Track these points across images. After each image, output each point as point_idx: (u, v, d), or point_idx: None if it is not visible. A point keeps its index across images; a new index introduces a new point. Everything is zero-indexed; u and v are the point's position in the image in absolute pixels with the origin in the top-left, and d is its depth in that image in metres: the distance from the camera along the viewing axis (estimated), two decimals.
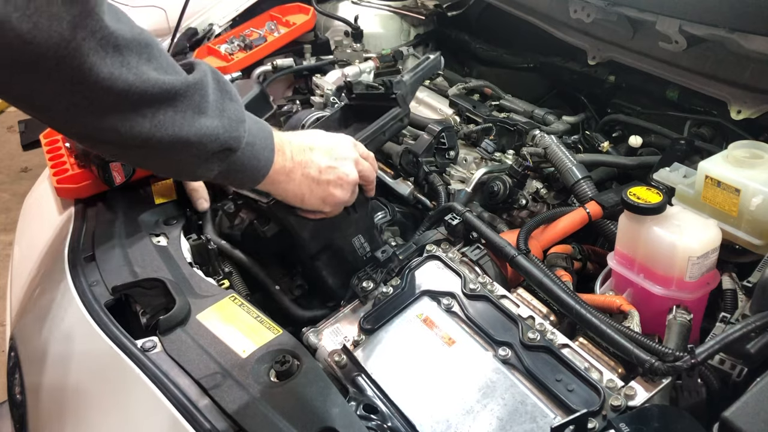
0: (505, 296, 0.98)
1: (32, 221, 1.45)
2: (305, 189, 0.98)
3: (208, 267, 1.14)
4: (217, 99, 0.85)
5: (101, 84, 0.71)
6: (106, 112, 0.74)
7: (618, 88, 1.53)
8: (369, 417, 0.83)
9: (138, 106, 0.75)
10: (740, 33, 1.10)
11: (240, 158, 0.88)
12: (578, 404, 0.81)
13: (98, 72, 0.70)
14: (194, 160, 0.84)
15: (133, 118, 0.76)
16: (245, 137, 0.87)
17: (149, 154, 0.82)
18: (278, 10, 1.92)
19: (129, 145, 0.79)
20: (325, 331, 1.00)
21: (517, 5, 1.64)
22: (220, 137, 0.84)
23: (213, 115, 0.83)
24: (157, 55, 0.77)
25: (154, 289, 1.01)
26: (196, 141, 0.81)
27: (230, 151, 0.86)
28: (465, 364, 0.89)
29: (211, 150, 0.84)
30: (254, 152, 0.90)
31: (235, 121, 0.86)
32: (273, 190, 0.98)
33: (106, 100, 0.73)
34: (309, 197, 0.99)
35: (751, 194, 0.92)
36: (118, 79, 0.72)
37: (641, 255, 0.97)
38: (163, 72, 0.77)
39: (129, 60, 0.73)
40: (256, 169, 0.92)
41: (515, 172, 1.28)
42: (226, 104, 0.86)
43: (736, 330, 0.81)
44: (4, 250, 3.21)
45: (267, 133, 0.93)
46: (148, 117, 0.76)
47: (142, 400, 0.86)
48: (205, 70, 0.84)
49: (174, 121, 0.79)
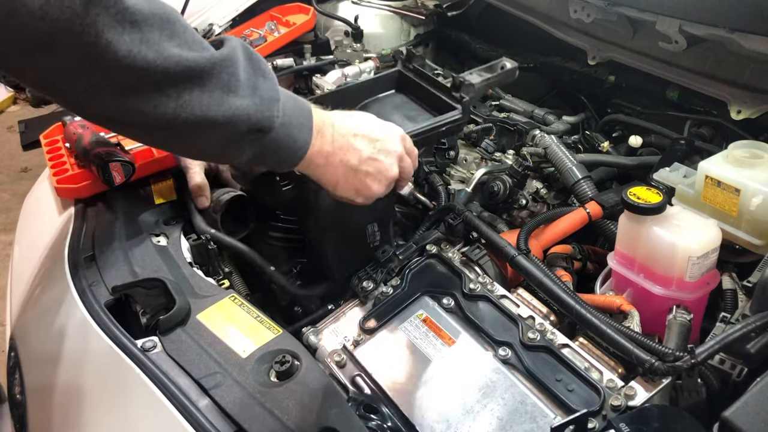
0: (505, 296, 0.98)
1: (32, 221, 1.44)
2: (341, 176, 0.93)
3: (208, 267, 1.14)
4: (249, 76, 0.80)
5: (120, 62, 0.68)
6: (127, 93, 0.71)
7: (618, 88, 1.53)
8: (369, 417, 0.83)
9: (161, 85, 0.72)
10: (740, 33, 1.10)
11: (274, 139, 0.83)
12: (578, 404, 0.81)
13: (116, 49, 0.67)
14: (224, 141, 0.81)
15: (156, 98, 0.72)
16: (279, 117, 0.83)
17: (175, 136, 0.79)
18: (278, 10, 1.93)
19: (153, 127, 0.76)
20: (325, 331, 1.00)
21: (517, 5, 1.64)
22: (252, 117, 0.79)
23: (244, 94, 0.79)
24: (181, 31, 0.74)
25: (154, 289, 1.01)
26: (225, 122, 0.77)
27: (262, 132, 0.82)
28: (465, 364, 0.89)
29: (242, 131, 0.80)
30: (290, 132, 0.85)
31: (267, 100, 0.82)
32: (309, 171, 0.93)
33: (126, 80, 0.70)
34: (343, 185, 0.95)
35: (751, 194, 0.92)
36: (138, 56, 0.69)
37: (641, 255, 0.97)
38: (187, 48, 0.73)
39: (149, 36, 0.70)
40: (292, 150, 0.87)
41: (515, 172, 1.28)
42: (259, 82, 0.81)
43: (736, 330, 0.81)
44: (4, 250, 3.21)
45: (305, 112, 0.88)
46: (173, 97, 0.73)
47: (142, 400, 0.86)
48: (234, 46, 0.80)
49: (201, 100, 0.75)
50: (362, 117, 0.99)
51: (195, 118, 0.75)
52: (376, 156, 0.94)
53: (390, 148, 0.96)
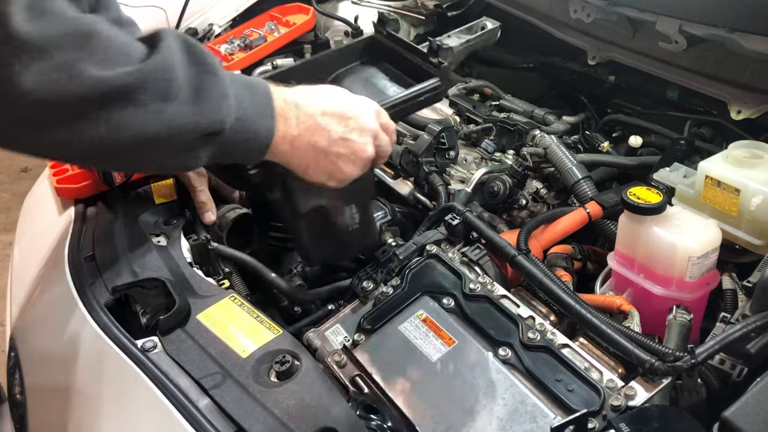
0: (505, 296, 0.98)
1: (32, 221, 1.44)
2: (310, 160, 0.87)
3: (208, 267, 1.14)
4: (190, 77, 0.72)
5: (28, 98, 0.62)
6: (47, 126, 0.64)
7: (618, 88, 1.53)
8: (369, 417, 0.83)
9: (84, 111, 0.65)
10: (740, 33, 1.10)
11: (231, 138, 0.77)
12: (578, 404, 0.81)
13: (21, 84, 0.61)
14: (173, 153, 0.74)
15: (83, 126, 0.66)
16: (232, 114, 0.76)
17: (116, 159, 0.73)
18: (278, 10, 1.92)
19: (88, 155, 0.70)
20: (325, 331, 1.00)
21: (517, 5, 1.64)
22: (200, 123, 0.72)
23: (185, 99, 0.71)
24: (102, 46, 0.66)
25: (154, 289, 1.01)
26: (168, 135, 0.70)
27: (216, 135, 0.75)
28: (465, 364, 0.89)
29: (191, 139, 0.73)
30: (249, 126, 0.79)
31: (215, 99, 0.74)
32: (276, 159, 0.87)
33: (41, 114, 0.63)
34: (314, 169, 0.88)
35: (751, 194, 0.92)
36: (49, 86, 0.62)
37: (641, 255, 0.97)
38: (108, 66, 0.66)
39: (61, 61, 0.63)
40: (255, 143, 0.81)
41: (515, 172, 1.28)
42: (204, 80, 0.73)
43: (736, 330, 0.81)
44: (4, 250, 3.21)
45: (264, 99, 0.81)
46: (101, 120, 0.66)
47: (142, 400, 0.86)
48: (169, 45, 0.71)
49: (135, 118, 0.68)
50: (331, 92, 0.90)
51: (132, 138, 0.69)
52: (348, 135, 0.87)
53: (363, 125, 0.89)
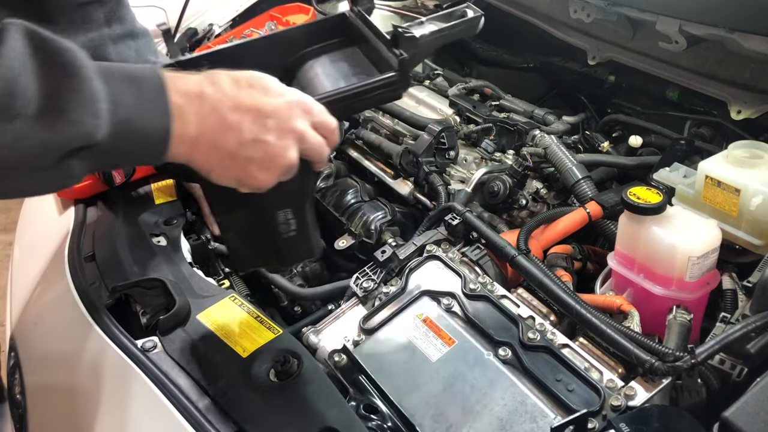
0: (505, 296, 0.98)
1: (32, 221, 1.45)
2: (214, 163, 0.72)
3: (208, 267, 1.14)
4: (41, 84, 0.59)
5: None
6: None
7: (618, 88, 1.53)
8: (369, 417, 0.83)
9: None
10: (740, 33, 1.10)
11: (112, 146, 0.64)
12: (578, 404, 0.81)
13: None
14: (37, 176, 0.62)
15: None
16: (107, 120, 0.63)
17: None
18: (278, 10, 1.93)
19: None
20: (325, 331, 1.00)
21: (517, 5, 1.64)
22: (55, 141, 0.59)
23: (32, 115, 0.58)
24: None
25: (154, 289, 1.01)
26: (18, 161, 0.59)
27: (88, 148, 0.62)
28: (465, 364, 0.89)
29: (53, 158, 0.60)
30: (136, 129, 0.65)
31: (76, 108, 0.60)
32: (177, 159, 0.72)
33: None
34: (219, 173, 0.73)
35: (751, 194, 0.92)
36: None
37: (641, 255, 0.97)
38: None
39: None
40: (146, 145, 0.67)
41: (515, 172, 1.28)
42: (59, 87, 0.60)
43: (736, 330, 0.81)
44: (4, 250, 3.21)
45: (153, 94, 0.67)
46: None
47: (142, 400, 0.86)
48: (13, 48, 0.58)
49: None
50: (252, 82, 0.74)
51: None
52: (263, 137, 0.72)
53: (285, 125, 0.73)
